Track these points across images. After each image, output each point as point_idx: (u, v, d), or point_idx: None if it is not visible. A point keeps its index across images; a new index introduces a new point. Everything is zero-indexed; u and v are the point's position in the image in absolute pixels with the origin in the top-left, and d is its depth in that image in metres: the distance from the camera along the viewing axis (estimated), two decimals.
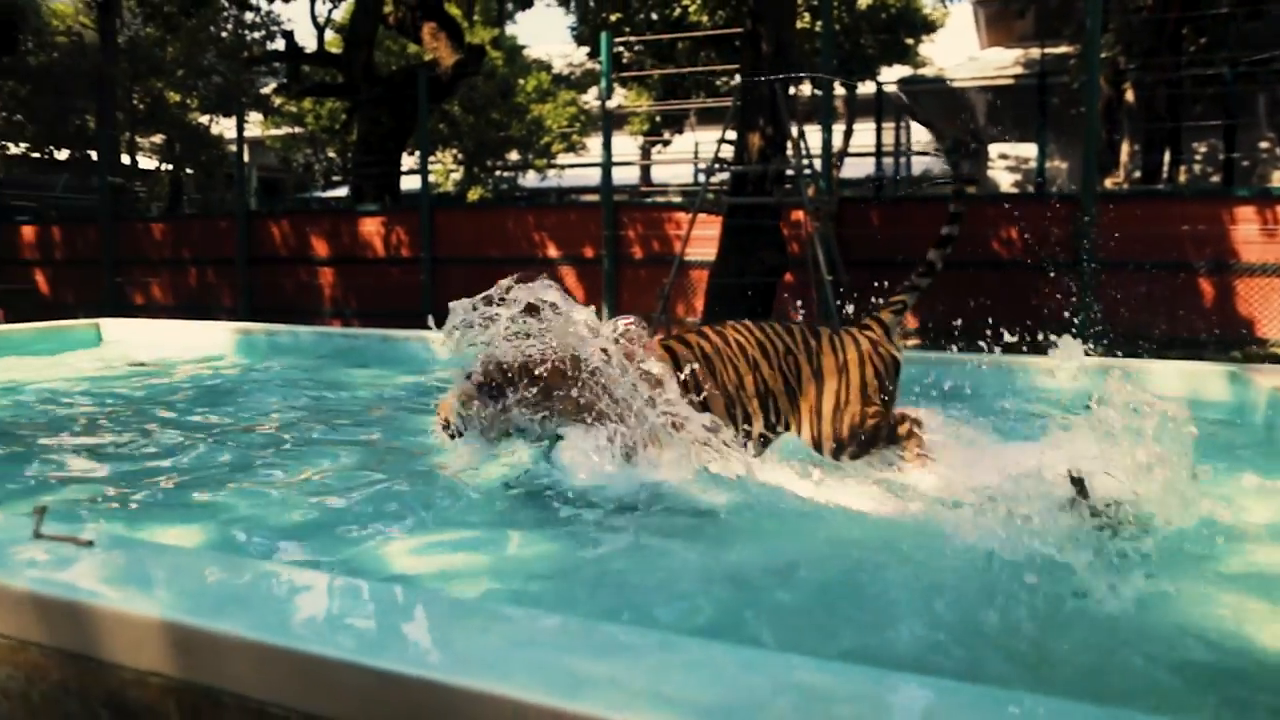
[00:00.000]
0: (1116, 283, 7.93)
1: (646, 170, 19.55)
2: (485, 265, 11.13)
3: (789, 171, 8.36)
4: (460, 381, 2.93)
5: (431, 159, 18.87)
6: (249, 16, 19.58)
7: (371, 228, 12.25)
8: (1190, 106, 14.65)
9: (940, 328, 8.08)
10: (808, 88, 15.53)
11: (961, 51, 19.34)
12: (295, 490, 2.87)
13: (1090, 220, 8.25)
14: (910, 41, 19.48)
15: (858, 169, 18.12)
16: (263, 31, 20.02)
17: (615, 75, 12.28)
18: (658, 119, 20.75)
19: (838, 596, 2.04)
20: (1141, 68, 12.71)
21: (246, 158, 15.63)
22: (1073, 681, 1.67)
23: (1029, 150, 19.50)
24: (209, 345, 6.46)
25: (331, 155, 26.78)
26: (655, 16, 15.96)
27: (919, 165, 15.87)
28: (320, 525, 2.50)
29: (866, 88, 17.76)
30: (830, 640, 1.82)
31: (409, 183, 15.52)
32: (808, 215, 8.44)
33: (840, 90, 16.38)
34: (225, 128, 22.35)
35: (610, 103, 10.90)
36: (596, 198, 12.41)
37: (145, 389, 5.00)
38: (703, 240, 9.24)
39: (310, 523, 2.53)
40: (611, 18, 15.66)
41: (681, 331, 3.18)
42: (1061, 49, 15.28)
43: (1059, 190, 15.85)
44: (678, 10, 15.25)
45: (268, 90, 22.03)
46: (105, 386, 5.05)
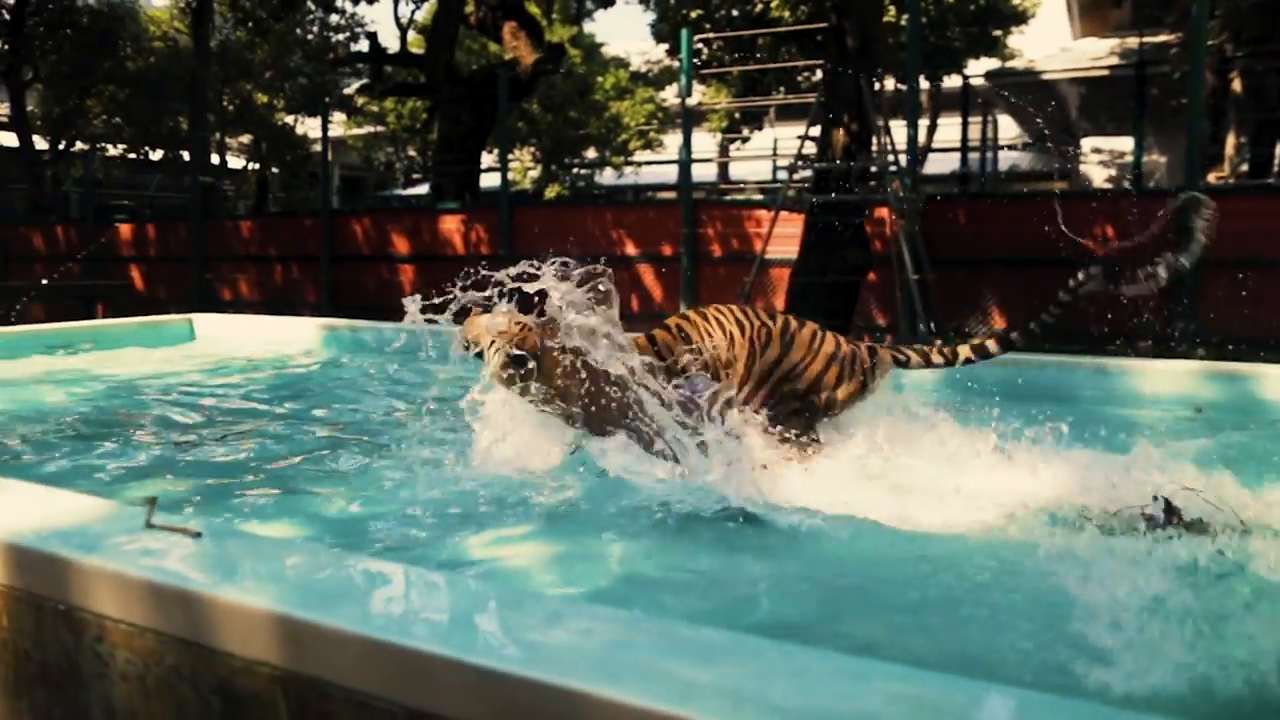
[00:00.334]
0: (1222, 282, 7.59)
1: (725, 167, 19.44)
2: None
3: (873, 168, 8.22)
4: (502, 317, 2.88)
5: (510, 157, 19.09)
6: (334, 19, 20.05)
7: (451, 225, 12.43)
8: None
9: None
10: (892, 82, 15.25)
11: (1053, 43, 18.74)
12: (385, 485, 2.91)
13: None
14: (999, 33, 18.97)
15: (941, 165, 17.75)
16: (347, 33, 20.46)
17: (695, 72, 12.22)
18: (736, 116, 20.61)
19: (935, 609, 1.98)
20: (1251, 55, 12.09)
21: (330, 157, 16.03)
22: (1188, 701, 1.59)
23: (1124, 144, 18.83)
24: (297, 340, 6.61)
25: (412, 154, 27.28)
26: (736, 13, 15.84)
27: (1005, 161, 15.45)
28: (414, 521, 2.52)
29: (952, 81, 17.40)
30: (936, 652, 1.77)
31: (488, 180, 15.73)
32: (893, 213, 8.29)
33: (925, 85, 16.05)
34: (310, 128, 22.94)
35: (690, 100, 10.86)
36: (674, 195, 12.39)
37: (241, 383, 5.15)
38: (784, 238, 9.14)
39: (400, 517, 2.56)
40: (692, 14, 15.59)
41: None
42: (1161, 37, 14.67)
43: (1155, 185, 15.26)
44: (759, 6, 15.10)
45: (351, 90, 22.54)
46: (201, 380, 5.21)
